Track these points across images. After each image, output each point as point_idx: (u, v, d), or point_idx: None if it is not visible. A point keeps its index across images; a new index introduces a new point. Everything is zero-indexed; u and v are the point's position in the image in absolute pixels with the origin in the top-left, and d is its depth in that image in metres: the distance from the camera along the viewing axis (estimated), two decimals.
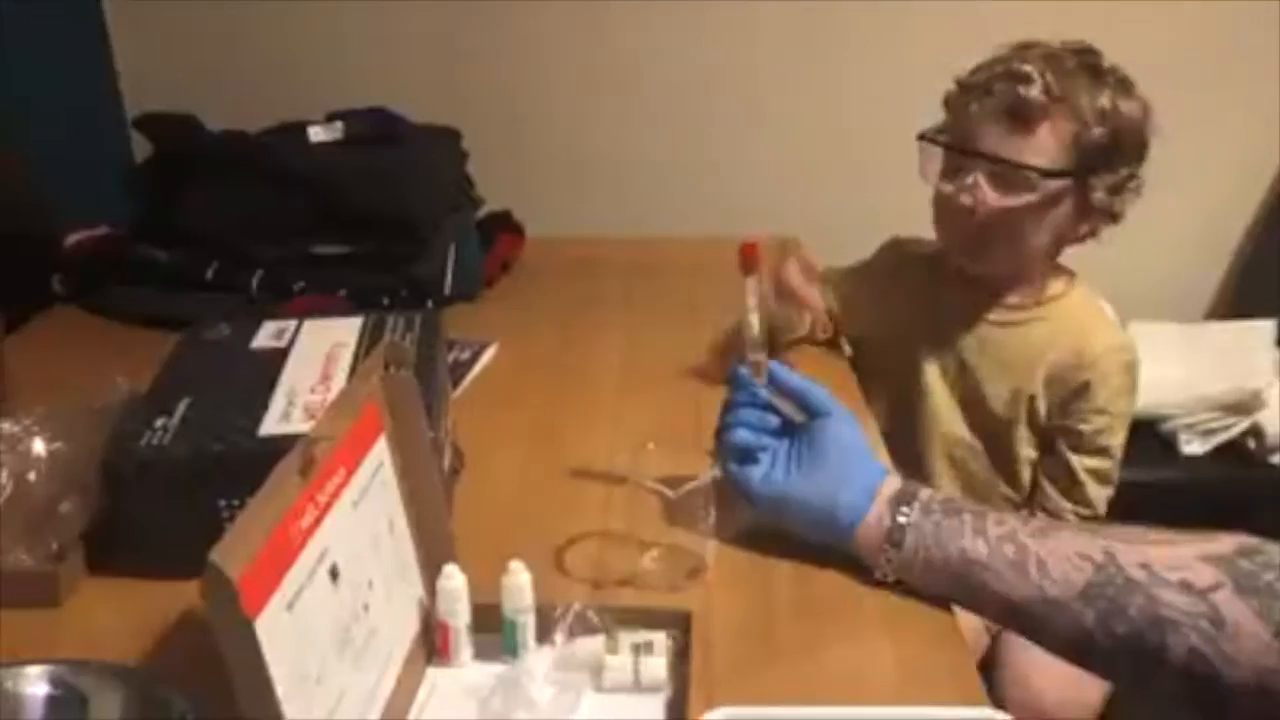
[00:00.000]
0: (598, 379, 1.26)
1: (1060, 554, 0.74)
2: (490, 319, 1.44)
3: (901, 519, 0.80)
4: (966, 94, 1.14)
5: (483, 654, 0.76)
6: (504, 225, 1.66)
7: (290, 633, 0.57)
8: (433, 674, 0.76)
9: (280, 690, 0.54)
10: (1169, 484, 1.72)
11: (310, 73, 1.89)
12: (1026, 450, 1.23)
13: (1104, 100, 1.09)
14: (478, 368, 1.28)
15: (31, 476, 0.90)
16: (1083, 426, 1.20)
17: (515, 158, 1.90)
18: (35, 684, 0.65)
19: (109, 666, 0.68)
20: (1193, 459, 1.77)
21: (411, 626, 0.75)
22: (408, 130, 1.58)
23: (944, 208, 1.15)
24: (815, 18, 1.95)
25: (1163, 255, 2.07)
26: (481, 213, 1.64)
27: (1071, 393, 1.19)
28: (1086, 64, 1.11)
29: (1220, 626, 0.67)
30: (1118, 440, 1.22)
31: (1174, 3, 1.92)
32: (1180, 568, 0.70)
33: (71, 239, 1.56)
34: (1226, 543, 0.70)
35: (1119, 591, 0.70)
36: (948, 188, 1.13)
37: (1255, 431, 1.78)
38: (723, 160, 2.04)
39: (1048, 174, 1.09)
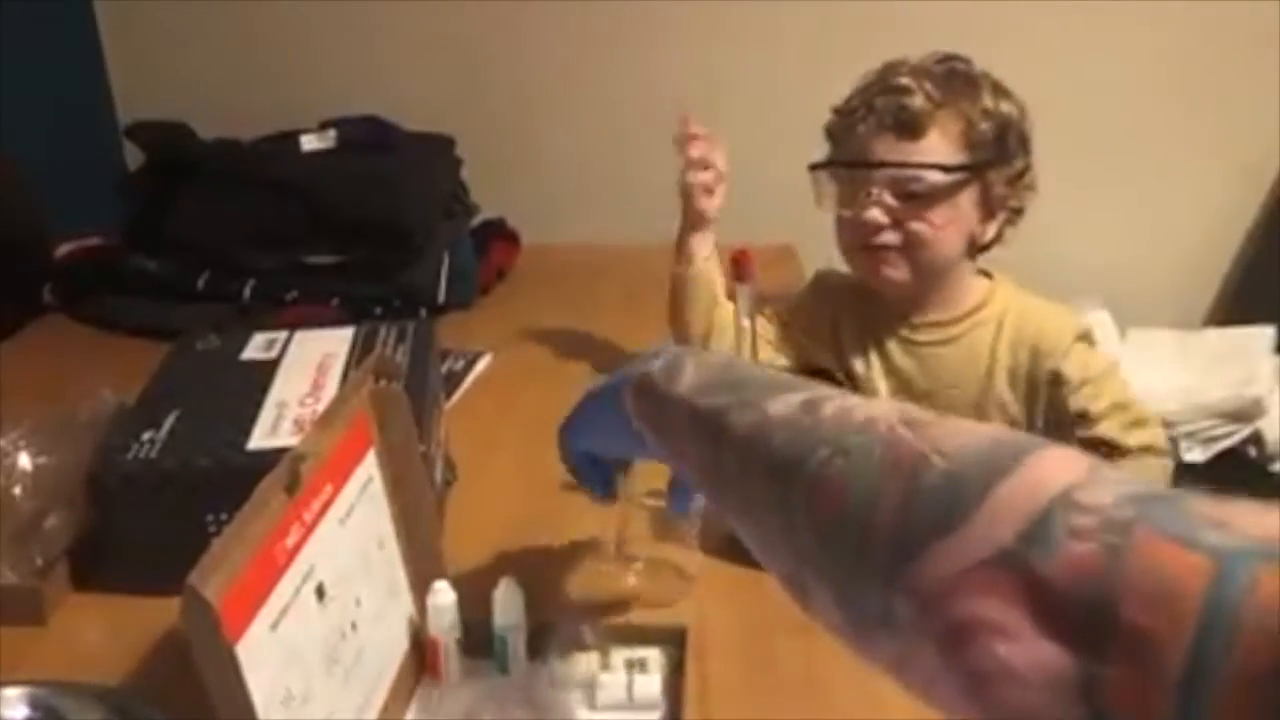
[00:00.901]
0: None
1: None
2: (484, 327, 1.43)
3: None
4: (849, 117, 1.15)
5: (474, 671, 0.75)
6: (498, 233, 1.65)
7: (274, 653, 0.56)
8: (423, 692, 0.75)
9: (262, 712, 0.53)
10: None
11: (303, 81, 1.88)
12: None
13: (986, 100, 1.11)
14: (471, 377, 1.27)
15: (17, 491, 0.89)
16: (1078, 406, 1.17)
17: (509, 165, 1.89)
18: (14, 706, 0.64)
19: (90, 687, 0.67)
20: (1193, 467, 1.76)
21: (401, 644, 0.74)
22: (401, 138, 1.57)
23: (850, 231, 1.15)
24: (814, 29, 1.94)
25: (1160, 262, 2.06)
26: (476, 220, 1.63)
27: (1047, 384, 1.17)
28: (958, 71, 1.13)
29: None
30: (1118, 389, 1.18)
31: (1173, 8, 1.91)
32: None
33: (63, 248, 1.55)
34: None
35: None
36: (849, 211, 1.13)
37: (1256, 439, 1.77)
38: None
39: (946, 169, 1.10)
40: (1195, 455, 1.77)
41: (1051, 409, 1.19)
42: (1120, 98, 1.94)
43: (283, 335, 1.04)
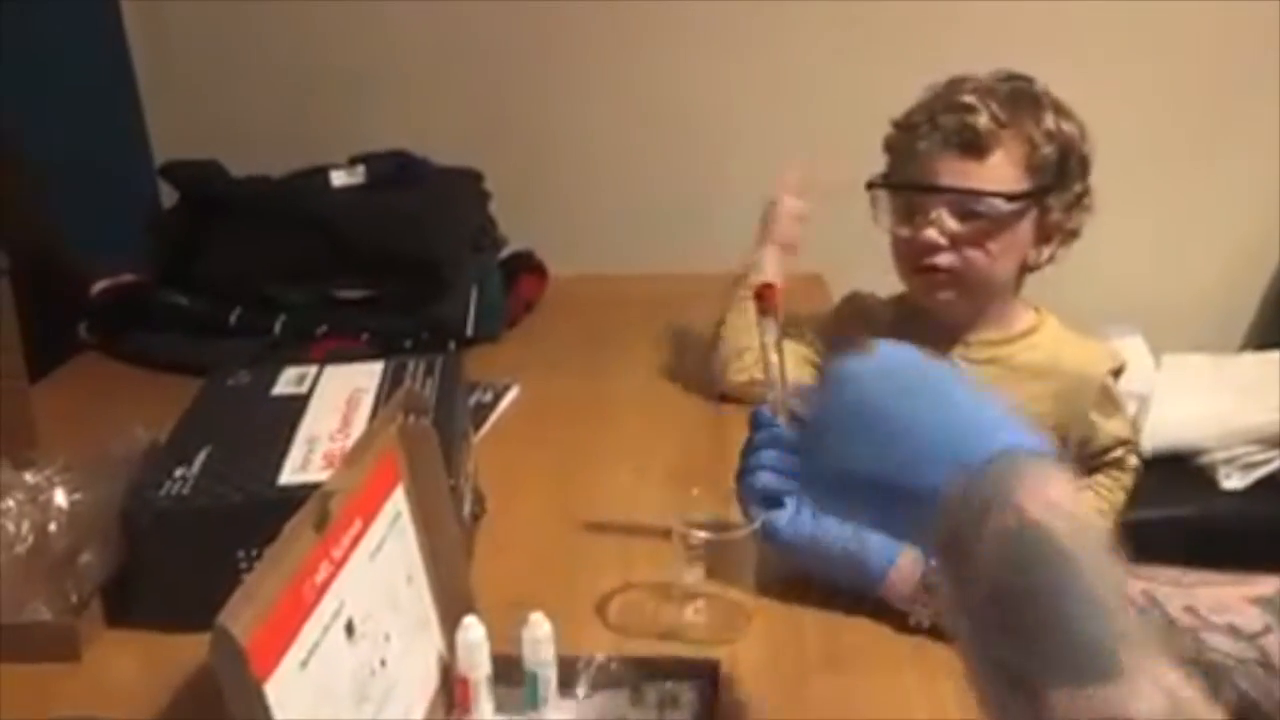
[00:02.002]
0: (622, 419, 1.24)
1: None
2: (513, 359, 1.43)
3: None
4: (910, 133, 1.14)
5: (504, 707, 0.75)
6: (526, 266, 1.65)
7: (304, 691, 0.56)
8: None
9: None
10: (1209, 520, 1.68)
11: (333, 118, 1.91)
12: None
13: (1048, 122, 1.10)
14: (500, 409, 1.27)
15: (52, 528, 0.90)
16: (1106, 440, 1.19)
17: (537, 198, 1.90)
18: None
19: None
20: (1233, 494, 1.73)
21: (431, 680, 0.73)
22: (429, 173, 1.58)
23: (907, 250, 1.14)
24: (838, 60, 1.95)
25: (1195, 286, 2.04)
26: (504, 253, 1.63)
27: (1077, 420, 1.17)
28: (1023, 91, 1.12)
29: (1271, 670, 0.64)
30: (1126, 423, 1.22)
31: (1205, 31, 1.90)
32: (1226, 610, 0.67)
33: (98, 286, 1.57)
34: (1270, 584, 0.68)
35: (1164, 636, 0.68)
36: (907, 230, 1.13)
37: None
38: (745, 197, 2.02)
39: (1011, 198, 1.09)
40: (1234, 483, 1.74)
41: (1078, 445, 1.20)
42: (1154, 121, 1.93)
43: (313, 370, 1.04)
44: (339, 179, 1.51)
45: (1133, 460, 1.23)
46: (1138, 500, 1.32)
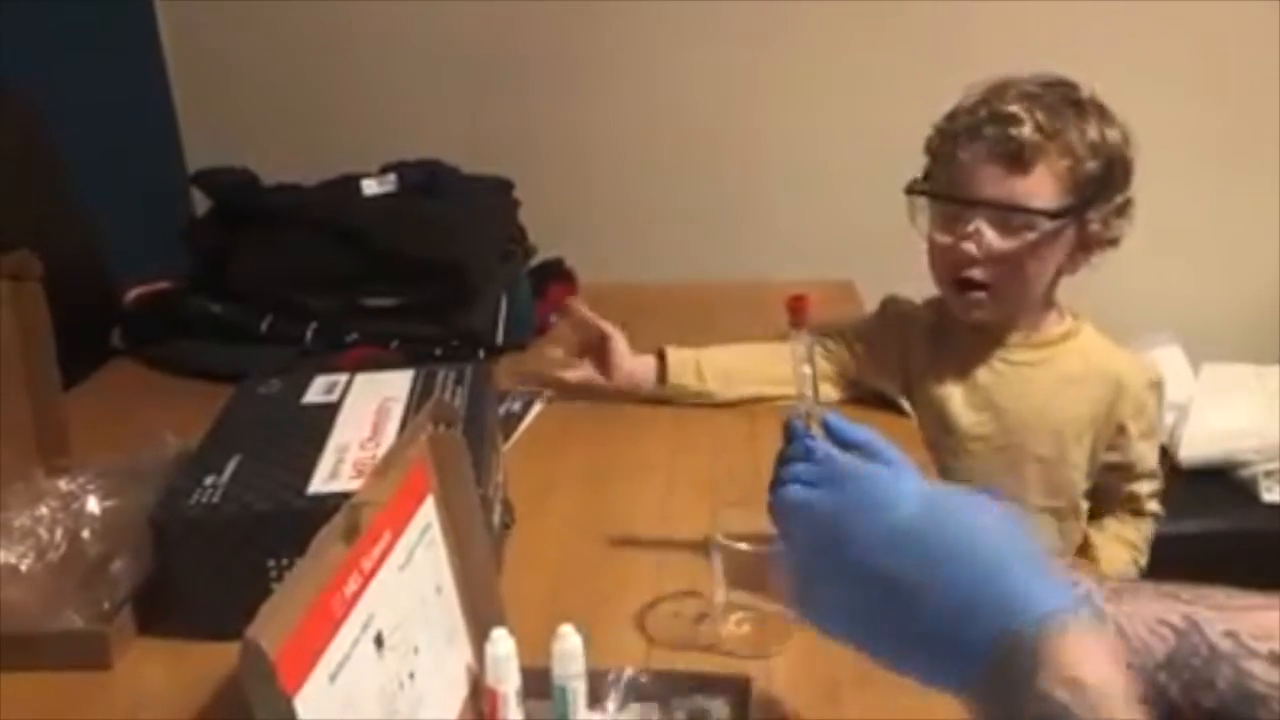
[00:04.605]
0: (651, 428, 1.23)
1: (1139, 619, 0.70)
2: (542, 368, 1.42)
3: None
4: (952, 140, 1.13)
5: (533, 718, 0.74)
6: (556, 274, 1.65)
7: (333, 705, 0.56)
8: None
9: None
10: (1250, 533, 1.65)
11: (364, 127, 1.92)
12: (1079, 483, 1.21)
13: (1092, 132, 1.09)
14: (529, 419, 1.26)
15: (85, 535, 0.90)
16: (1129, 459, 1.21)
17: (567, 206, 1.90)
18: None
19: None
20: (1274, 507, 1.70)
21: (460, 693, 0.73)
22: (460, 182, 1.58)
23: (944, 257, 1.13)
24: (866, 64, 1.93)
25: (1234, 294, 2.01)
26: (534, 262, 1.63)
27: (1115, 429, 1.18)
28: (1068, 98, 1.11)
29: None
30: (1155, 453, 1.24)
31: (1245, 41, 1.87)
32: (1269, 637, 0.66)
33: (132, 294, 1.58)
34: None
35: (1204, 663, 0.66)
36: (946, 238, 1.12)
37: None
38: (776, 204, 2.02)
39: (1053, 215, 1.07)
40: (1276, 496, 1.70)
41: (1107, 449, 1.19)
42: (1193, 127, 1.90)
43: (343, 378, 1.04)
44: (370, 188, 1.51)
45: (1157, 508, 1.25)
46: (1175, 513, 1.30)
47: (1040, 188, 1.07)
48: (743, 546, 0.81)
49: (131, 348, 1.51)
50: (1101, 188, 1.10)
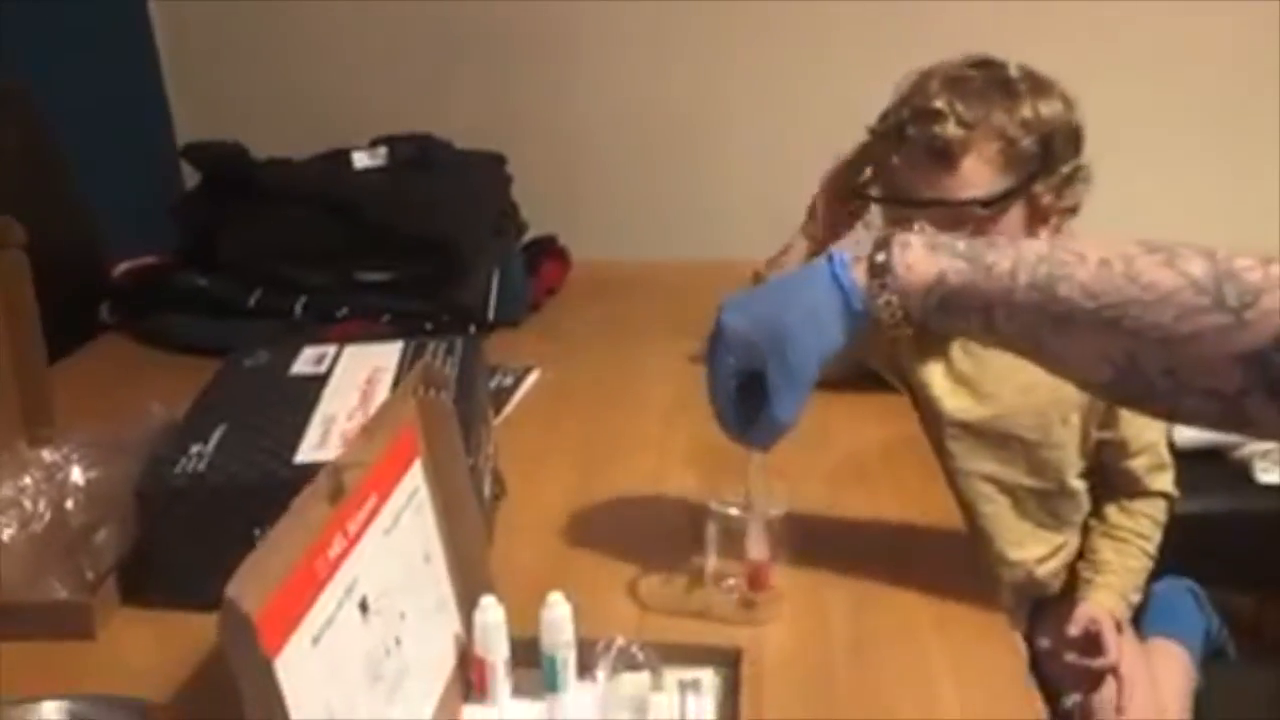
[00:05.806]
0: (643, 404, 1.22)
1: (1078, 352, 0.72)
2: (534, 344, 1.41)
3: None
4: (884, 142, 1.13)
5: (522, 690, 0.73)
6: (549, 250, 1.64)
7: (315, 669, 0.55)
8: (470, 711, 0.73)
9: None
10: (1245, 514, 1.65)
11: (355, 100, 1.90)
12: (1069, 463, 1.20)
13: (1024, 110, 1.07)
14: (521, 393, 1.25)
15: (69, 505, 0.89)
16: (1122, 435, 1.19)
17: (560, 183, 1.89)
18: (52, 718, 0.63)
19: (128, 701, 0.66)
20: (1270, 488, 1.69)
21: (447, 661, 0.72)
22: (452, 156, 1.57)
23: None
24: (857, 52, 1.92)
25: None
26: (527, 238, 1.62)
27: (1103, 406, 1.17)
28: (994, 79, 1.09)
29: (1246, 428, 0.68)
30: (1155, 428, 1.21)
31: (1214, 36, 1.86)
32: (1208, 371, 0.67)
33: (120, 268, 1.57)
34: (1264, 329, 0.66)
35: (1142, 395, 0.71)
36: None
37: None
38: (771, 183, 2.00)
39: (989, 203, 1.06)
40: (1272, 477, 1.70)
41: (1099, 427, 1.19)
42: (1207, 111, 1.90)
43: (332, 350, 1.03)
44: (361, 161, 1.50)
45: (1165, 486, 1.22)
46: None
47: (974, 177, 1.07)
48: (735, 512, 0.81)
49: (121, 322, 1.49)
50: (1043, 161, 1.08)
